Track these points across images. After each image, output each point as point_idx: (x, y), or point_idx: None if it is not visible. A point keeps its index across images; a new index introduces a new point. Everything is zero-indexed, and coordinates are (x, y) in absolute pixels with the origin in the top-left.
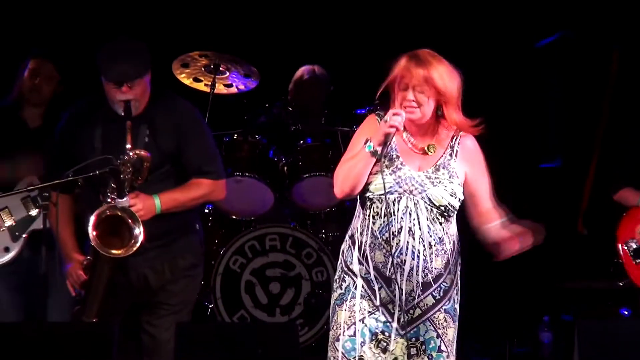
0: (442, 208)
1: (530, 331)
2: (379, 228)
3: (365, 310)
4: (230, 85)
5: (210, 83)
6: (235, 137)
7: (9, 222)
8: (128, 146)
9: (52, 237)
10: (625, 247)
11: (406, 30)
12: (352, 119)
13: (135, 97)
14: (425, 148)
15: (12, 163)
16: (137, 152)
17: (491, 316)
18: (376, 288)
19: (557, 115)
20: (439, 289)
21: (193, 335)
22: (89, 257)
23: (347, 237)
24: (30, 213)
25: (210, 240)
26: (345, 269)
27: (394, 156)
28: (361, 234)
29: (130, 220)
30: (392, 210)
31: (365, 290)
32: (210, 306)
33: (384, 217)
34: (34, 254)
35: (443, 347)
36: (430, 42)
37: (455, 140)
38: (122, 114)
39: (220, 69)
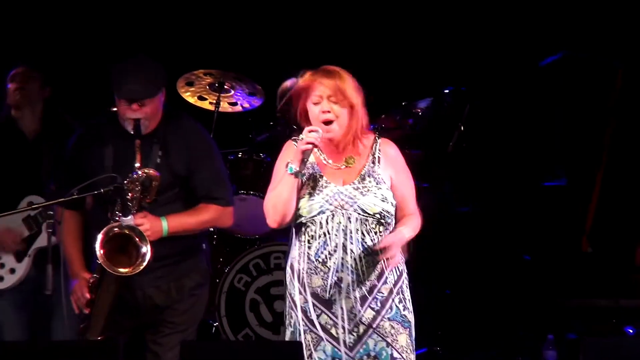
0: (377, 215)
1: (534, 349)
2: (314, 252)
3: (310, 344)
4: (234, 104)
5: (214, 101)
6: (240, 155)
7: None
8: (137, 165)
9: (57, 256)
10: None
11: (408, 47)
12: None
13: (145, 116)
14: (345, 161)
15: (13, 180)
16: (146, 170)
17: (495, 334)
18: (314, 317)
19: (562, 133)
20: (375, 300)
21: (198, 354)
22: (95, 275)
23: (287, 268)
24: (31, 232)
25: (215, 259)
26: (291, 302)
27: (317, 176)
28: (298, 261)
29: (137, 239)
30: (326, 230)
31: (305, 323)
32: (215, 324)
33: (319, 239)
34: (39, 273)
35: (396, 354)
36: (433, 61)
37: (375, 147)
38: (132, 132)
39: (225, 87)
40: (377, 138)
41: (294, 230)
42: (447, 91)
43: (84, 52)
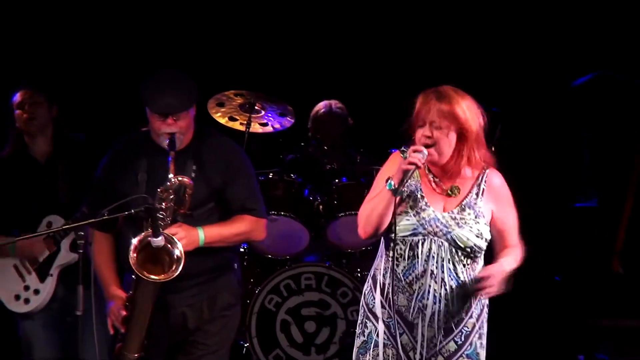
0: (468, 250)
1: None
2: (402, 270)
3: (389, 359)
4: (265, 124)
5: (245, 122)
6: (270, 176)
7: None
8: (171, 175)
9: (88, 276)
10: None
11: (440, 69)
12: (388, 157)
13: (180, 130)
14: (449, 190)
15: (31, 204)
16: (180, 178)
17: (526, 355)
18: (397, 334)
19: (593, 154)
20: (460, 334)
21: None
22: (130, 293)
23: (369, 278)
24: (52, 252)
25: (245, 279)
26: (368, 312)
27: (419, 197)
28: (384, 275)
29: (169, 245)
30: (415, 253)
31: (387, 337)
32: (245, 345)
33: (408, 260)
34: (68, 293)
35: None
36: (464, 82)
37: (482, 178)
38: (167, 146)
39: (256, 107)
40: (485, 168)
41: (383, 242)
42: None
43: (114, 73)
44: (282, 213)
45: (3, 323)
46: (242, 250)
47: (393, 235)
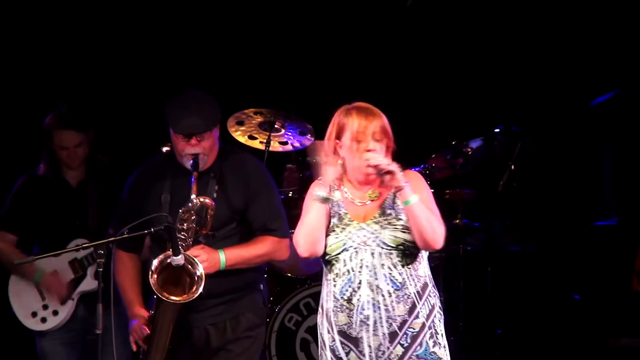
0: (401, 247)
1: None
2: (339, 289)
3: None
4: (285, 143)
5: (265, 141)
6: (290, 195)
7: None
8: (193, 196)
9: (108, 295)
10: None
11: (459, 87)
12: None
13: (203, 151)
14: (367, 195)
15: (60, 226)
16: (202, 199)
17: None
18: (342, 355)
19: (613, 173)
20: (405, 335)
21: None
22: (152, 311)
23: (319, 309)
24: (77, 276)
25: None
26: (321, 343)
27: (342, 213)
28: (326, 300)
29: (190, 266)
30: (350, 267)
31: None
32: None
33: (344, 276)
34: (89, 313)
35: None
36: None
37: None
38: (190, 167)
39: (276, 126)
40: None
41: (323, 269)
42: (497, 130)
43: (135, 94)
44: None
45: (19, 339)
46: (264, 271)
47: (327, 256)
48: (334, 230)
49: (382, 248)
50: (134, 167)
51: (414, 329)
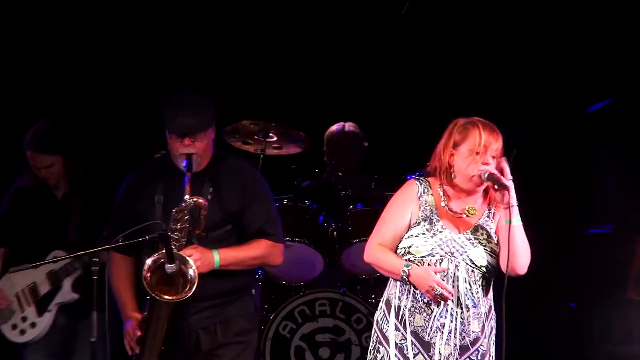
0: (483, 269)
1: None
2: (420, 292)
3: None
4: (279, 147)
5: (258, 147)
6: (284, 203)
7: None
8: (187, 196)
9: (102, 302)
10: None
11: (453, 94)
12: (403, 184)
13: (197, 152)
14: (466, 210)
15: (41, 238)
16: (195, 199)
17: None
18: (410, 355)
19: (608, 180)
20: (476, 352)
21: None
22: (145, 313)
23: (381, 304)
24: (52, 287)
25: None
26: (381, 337)
27: (434, 220)
28: (399, 298)
29: (183, 266)
30: None
31: (399, 359)
32: None
33: None
34: (70, 322)
35: None
36: (479, 107)
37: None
38: (184, 168)
39: (270, 135)
40: None
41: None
42: None
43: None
44: (297, 239)
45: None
46: (256, 276)
47: (411, 256)
48: (424, 234)
49: (467, 264)
50: (126, 176)
51: (483, 347)
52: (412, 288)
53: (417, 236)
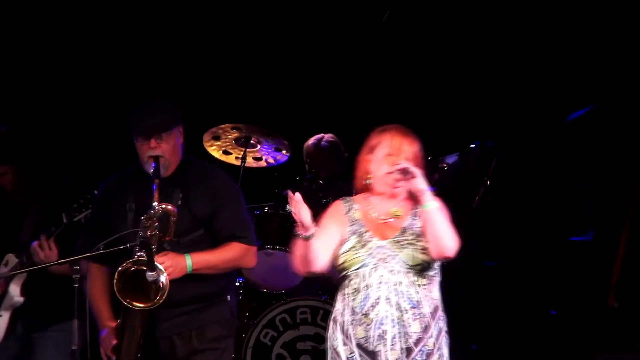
0: (419, 267)
1: None
2: (358, 303)
3: None
4: (259, 159)
5: (239, 156)
6: (266, 210)
7: None
8: (154, 203)
9: (83, 309)
10: None
11: (434, 103)
12: None
13: (163, 153)
14: (391, 213)
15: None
16: (163, 205)
17: None
18: None
19: (589, 188)
20: (420, 352)
21: None
22: (119, 321)
23: (330, 322)
24: (3, 291)
25: (241, 313)
26: (334, 353)
27: (363, 232)
28: (342, 314)
29: (155, 272)
30: (369, 282)
31: None
32: None
33: (363, 291)
34: (27, 330)
35: None
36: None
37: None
38: (152, 173)
39: (251, 141)
40: None
41: (339, 285)
42: (473, 146)
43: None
44: (278, 247)
45: None
46: (237, 284)
47: (345, 271)
48: (353, 247)
49: (401, 266)
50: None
51: (428, 347)
52: (351, 302)
53: (348, 251)
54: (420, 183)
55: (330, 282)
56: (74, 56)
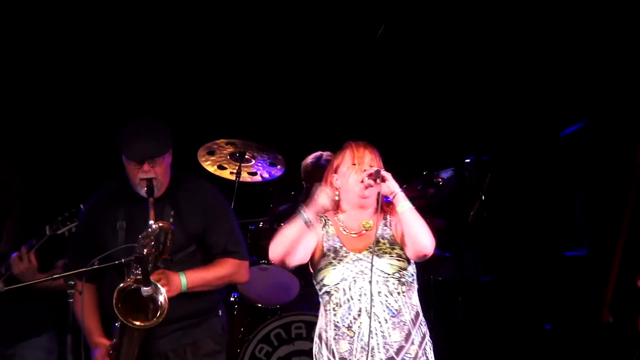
0: (397, 274)
1: None
2: (340, 318)
3: None
4: (254, 174)
5: (234, 171)
6: (260, 225)
7: None
8: (151, 221)
9: (76, 326)
10: None
11: (430, 118)
12: None
13: (156, 176)
14: (362, 225)
15: None
16: (160, 224)
17: None
18: None
19: (583, 203)
20: None
21: None
22: (114, 340)
23: (315, 339)
24: None
25: (235, 329)
26: None
27: (338, 247)
28: (325, 330)
29: (153, 292)
30: (349, 296)
31: None
32: None
33: (344, 305)
34: (4, 347)
35: None
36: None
37: (382, 208)
38: (145, 194)
39: (246, 156)
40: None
41: (321, 301)
42: (468, 161)
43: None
44: (272, 263)
45: None
46: (232, 299)
47: (326, 287)
48: (331, 263)
49: (379, 276)
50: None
51: (410, 354)
52: (333, 317)
53: (326, 267)
54: (392, 185)
55: None
56: (63, 68)
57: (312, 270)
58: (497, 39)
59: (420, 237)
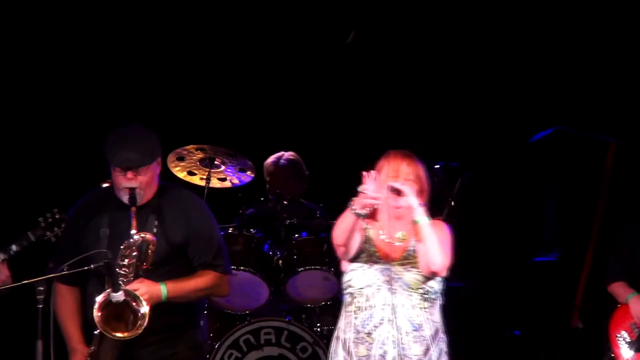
0: (420, 290)
1: None
2: (361, 322)
3: None
4: (224, 179)
5: (204, 177)
6: (230, 231)
7: None
8: (133, 231)
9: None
10: (617, 341)
11: (398, 123)
12: None
13: (140, 185)
14: (398, 236)
15: None
16: (143, 235)
17: None
18: None
19: (553, 208)
20: None
21: None
22: (92, 347)
23: (333, 339)
24: None
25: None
26: None
27: (372, 251)
28: (344, 331)
29: (134, 303)
30: (372, 303)
31: None
32: None
33: (366, 311)
34: None
35: None
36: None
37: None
38: (127, 201)
39: (216, 162)
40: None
41: (343, 301)
42: (437, 167)
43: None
44: (242, 268)
45: None
46: (204, 308)
47: (351, 289)
48: (361, 266)
49: (404, 289)
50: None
51: None
52: (354, 320)
53: (355, 270)
54: (410, 200)
55: (294, 302)
56: (38, 74)
57: (343, 267)
58: (467, 45)
59: (432, 254)
